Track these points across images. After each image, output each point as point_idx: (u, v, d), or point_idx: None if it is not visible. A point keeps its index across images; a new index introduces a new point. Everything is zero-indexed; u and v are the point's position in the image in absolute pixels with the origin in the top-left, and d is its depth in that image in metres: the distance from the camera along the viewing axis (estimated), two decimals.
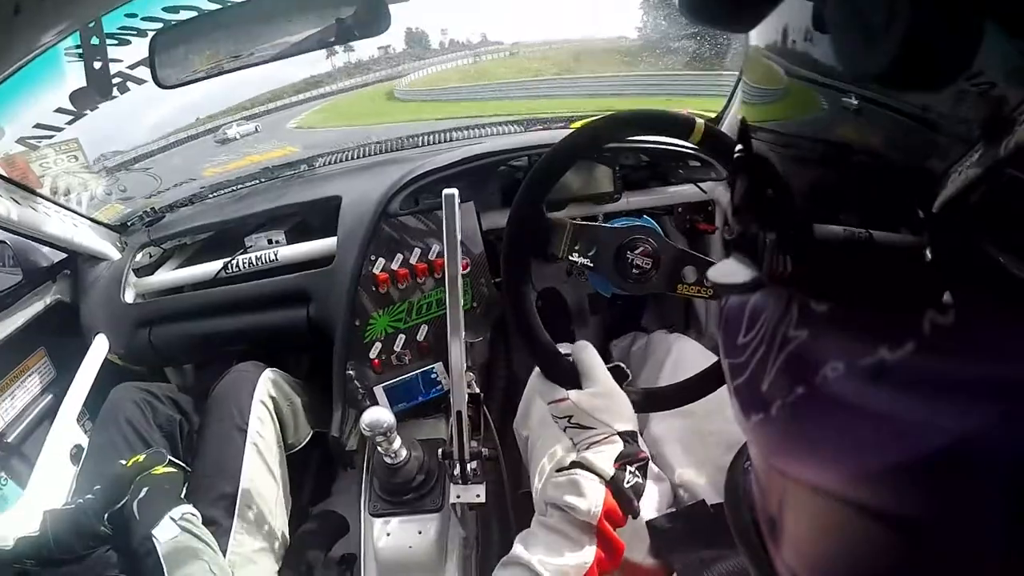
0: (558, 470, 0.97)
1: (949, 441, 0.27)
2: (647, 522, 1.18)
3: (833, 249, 0.37)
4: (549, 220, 1.06)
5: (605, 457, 0.95)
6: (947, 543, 0.29)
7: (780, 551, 0.48)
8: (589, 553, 0.91)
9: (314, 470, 1.83)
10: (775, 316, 0.41)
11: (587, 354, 1.04)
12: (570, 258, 1.09)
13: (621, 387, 1.03)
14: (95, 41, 1.58)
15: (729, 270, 0.47)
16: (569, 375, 1.02)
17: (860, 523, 0.35)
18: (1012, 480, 0.25)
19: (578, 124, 1.15)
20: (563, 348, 1.11)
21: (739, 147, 0.47)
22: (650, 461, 1.31)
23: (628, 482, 0.95)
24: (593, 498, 0.91)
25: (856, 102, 0.35)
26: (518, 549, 0.93)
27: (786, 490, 0.45)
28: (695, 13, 0.40)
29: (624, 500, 0.94)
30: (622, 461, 0.95)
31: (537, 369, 1.05)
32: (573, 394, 0.99)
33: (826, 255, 0.38)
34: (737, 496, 0.61)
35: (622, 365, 1.07)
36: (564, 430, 1.02)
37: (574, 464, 0.95)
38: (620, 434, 0.97)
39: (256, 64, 1.42)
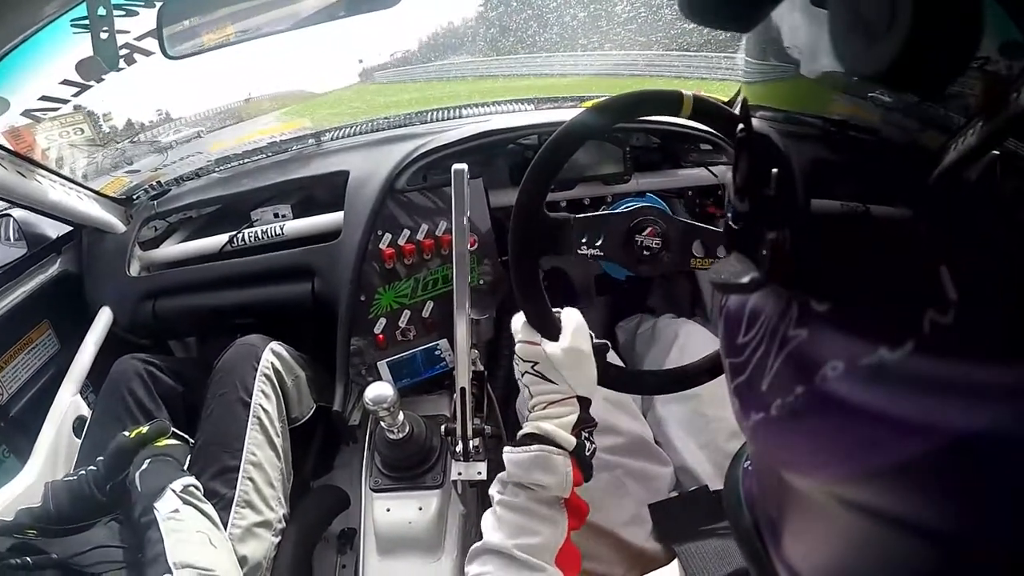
0: (515, 444, 0.95)
1: (949, 441, 0.26)
2: (649, 505, 1.18)
3: (832, 227, 0.37)
4: (553, 219, 1.04)
5: (564, 424, 0.94)
6: (949, 543, 0.29)
7: (780, 551, 0.49)
8: (562, 525, 0.91)
9: (316, 444, 1.83)
10: (775, 315, 0.42)
11: (574, 315, 1.02)
12: (579, 252, 1.07)
13: (606, 363, 1.02)
14: (102, 11, 1.57)
15: (729, 269, 0.47)
16: (550, 325, 1.00)
17: (860, 523, 0.35)
18: (1014, 480, 0.24)
19: (590, 103, 1.12)
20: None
21: (740, 127, 0.48)
22: (653, 443, 1.31)
23: (588, 449, 0.95)
24: (562, 473, 0.91)
25: (856, 86, 0.35)
26: (489, 535, 0.92)
27: (786, 490, 0.45)
28: (695, 12, 0.40)
29: (586, 467, 0.94)
30: (579, 427, 0.95)
31: (520, 314, 1.02)
32: (547, 342, 0.97)
33: (826, 233, 0.38)
34: (737, 496, 0.61)
35: (607, 343, 1.05)
36: (523, 375, 1.00)
37: (532, 437, 0.93)
38: (579, 399, 0.96)
39: (264, 36, 1.41)
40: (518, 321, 1.02)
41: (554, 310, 1.02)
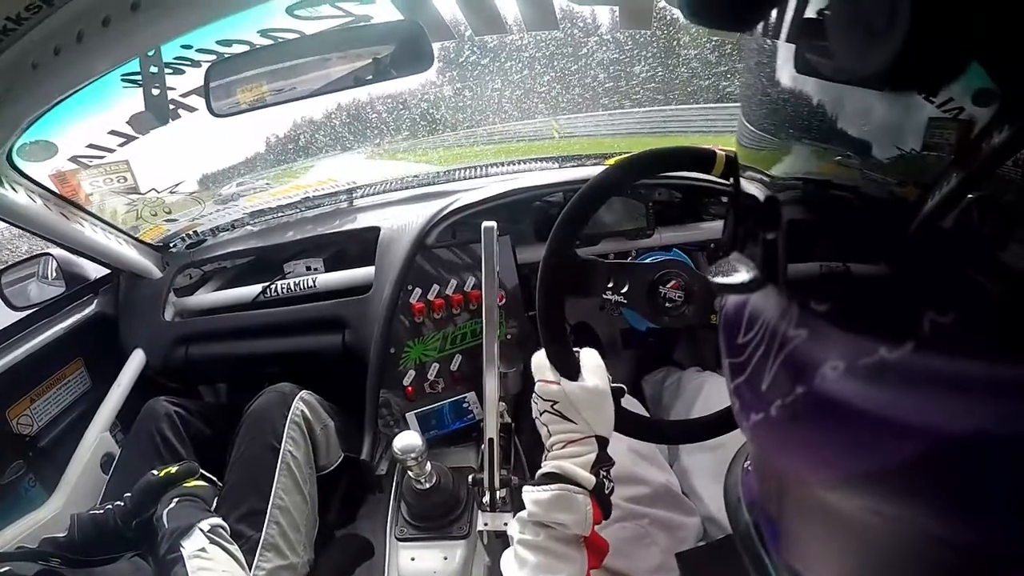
0: (535, 484, 0.93)
1: (949, 440, 0.27)
2: (676, 554, 1.17)
3: (816, 283, 0.39)
4: (583, 260, 1.06)
5: (583, 463, 0.92)
6: (949, 542, 0.30)
7: (779, 551, 0.49)
8: (581, 563, 0.89)
9: (342, 493, 1.82)
10: (775, 316, 0.42)
11: (593, 355, 1.02)
12: (604, 296, 1.09)
13: (621, 407, 1.01)
14: (153, 70, 1.64)
15: (729, 270, 0.48)
16: (570, 364, 0.99)
17: (860, 523, 0.36)
18: (1013, 479, 0.25)
19: (612, 161, 1.15)
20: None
21: (731, 181, 0.48)
22: (680, 493, 1.31)
23: (607, 488, 0.93)
24: (582, 511, 0.89)
25: (840, 155, 0.37)
26: (511, 574, 0.91)
27: (786, 490, 0.47)
28: (696, 13, 0.41)
29: (605, 505, 0.92)
30: (598, 467, 0.93)
31: (540, 352, 1.02)
32: (566, 382, 0.96)
33: (809, 287, 0.39)
34: (737, 497, 0.61)
35: (623, 388, 1.04)
36: (540, 414, 0.98)
37: (552, 477, 0.92)
38: (597, 438, 0.95)
39: (298, 99, 1.47)
40: (539, 359, 1.02)
41: (575, 350, 1.02)
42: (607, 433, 0.96)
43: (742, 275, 0.45)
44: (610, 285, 1.08)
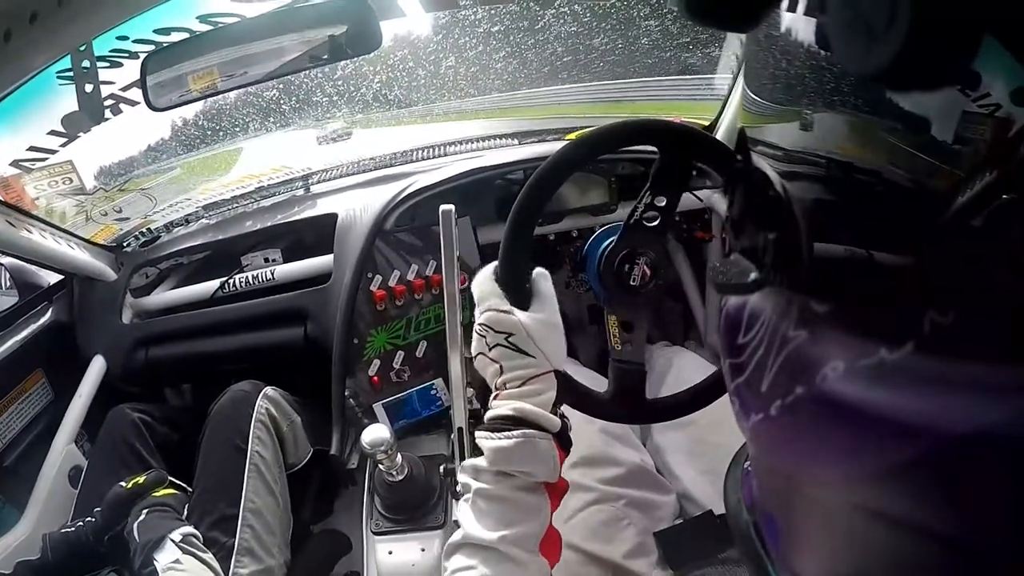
0: (491, 428, 0.83)
1: (949, 441, 0.27)
2: (655, 533, 1.18)
3: (831, 266, 0.37)
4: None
5: (544, 402, 0.84)
6: (949, 542, 0.29)
7: (779, 551, 0.49)
8: (546, 511, 0.83)
9: (315, 489, 1.81)
10: (775, 316, 0.42)
11: (547, 282, 0.92)
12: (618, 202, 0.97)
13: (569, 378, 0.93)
14: (86, 65, 1.58)
15: (730, 271, 0.47)
16: (522, 292, 0.90)
17: (861, 524, 0.36)
18: (1013, 479, 0.25)
19: (573, 136, 1.11)
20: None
21: (738, 158, 0.47)
22: (654, 472, 1.31)
23: (569, 428, 0.87)
24: (550, 458, 0.82)
25: (864, 120, 0.35)
26: (471, 527, 0.81)
27: (785, 490, 0.46)
28: (696, 13, 0.39)
29: (567, 443, 0.86)
30: (557, 405, 0.86)
31: (487, 270, 0.93)
32: (519, 311, 0.86)
33: (824, 271, 0.38)
34: (736, 496, 0.61)
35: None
36: (490, 348, 0.87)
37: (512, 421, 0.82)
38: (555, 373, 0.87)
39: (250, 84, 1.42)
40: (486, 284, 0.91)
41: None
42: (561, 366, 0.89)
43: (744, 276, 0.44)
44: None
